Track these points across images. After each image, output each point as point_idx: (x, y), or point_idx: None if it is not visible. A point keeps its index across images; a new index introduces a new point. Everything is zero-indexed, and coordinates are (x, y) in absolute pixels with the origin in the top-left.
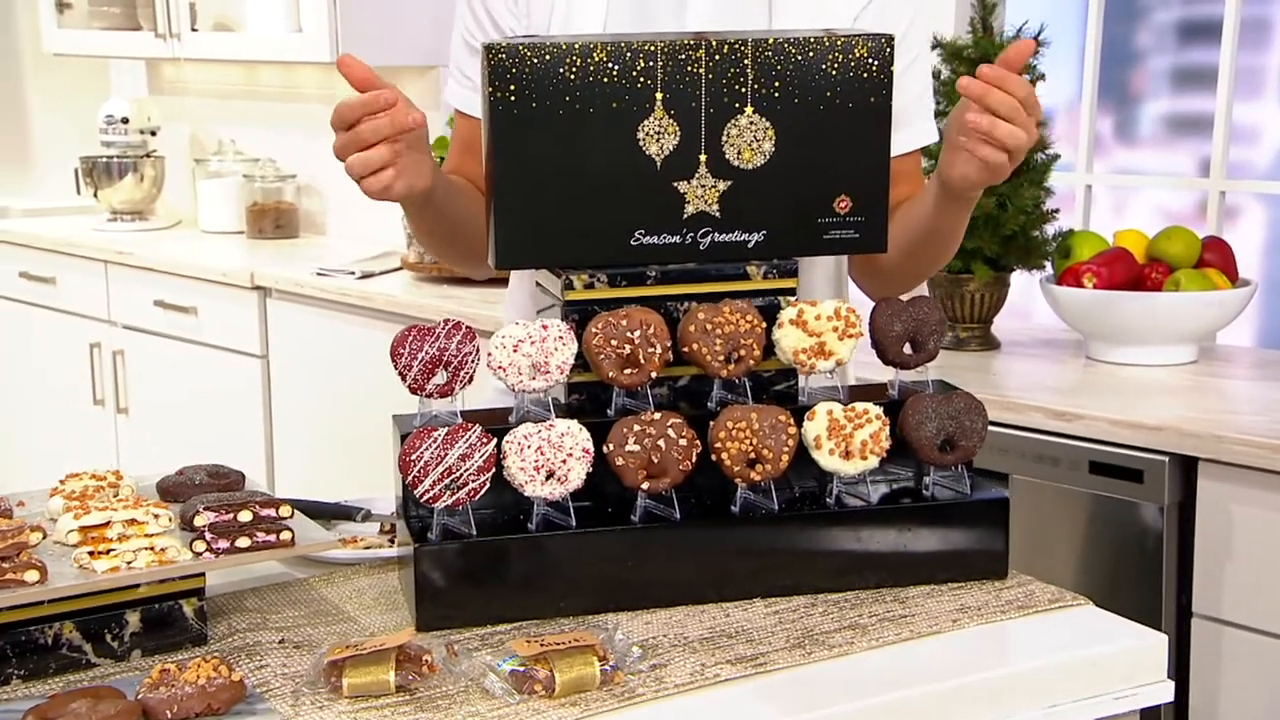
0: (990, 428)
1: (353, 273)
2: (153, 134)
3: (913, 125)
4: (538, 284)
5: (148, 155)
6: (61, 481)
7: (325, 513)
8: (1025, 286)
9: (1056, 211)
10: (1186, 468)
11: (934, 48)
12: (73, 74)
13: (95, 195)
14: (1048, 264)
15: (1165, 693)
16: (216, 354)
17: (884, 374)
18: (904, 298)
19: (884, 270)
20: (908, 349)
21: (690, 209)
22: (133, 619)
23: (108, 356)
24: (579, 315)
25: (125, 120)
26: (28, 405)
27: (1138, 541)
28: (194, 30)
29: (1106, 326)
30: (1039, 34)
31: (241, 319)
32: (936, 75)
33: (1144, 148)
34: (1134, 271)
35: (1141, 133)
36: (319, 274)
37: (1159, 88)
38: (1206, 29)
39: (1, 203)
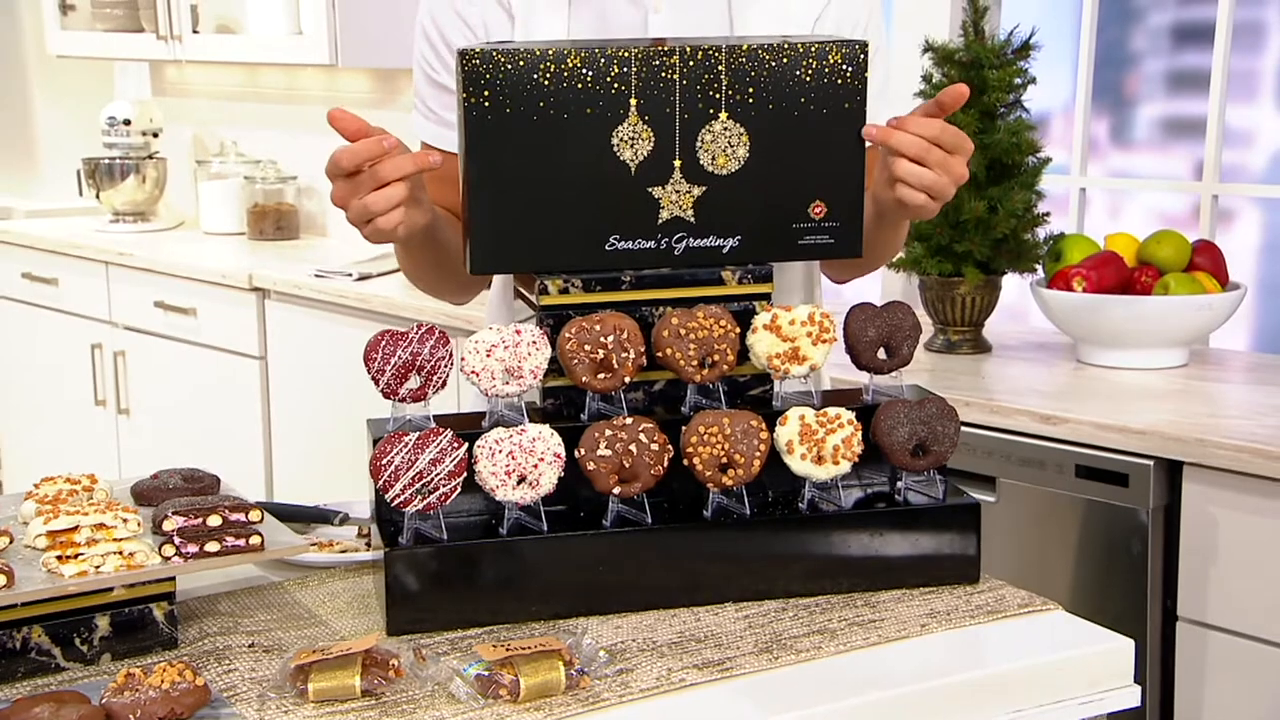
0: (978, 431)
1: (350, 274)
2: (155, 135)
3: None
4: (516, 290)
5: (150, 157)
6: (36, 485)
7: (303, 516)
8: (1021, 288)
9: (1048, 215)
10: (1171, 472)
11: (925, 51)
12: (77, 75)
13: (98, 196)
14: (1039, 267)
15: (1131, 698)
16: (215, 355)
17: (863, 376)
18: (879, 303)
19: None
20: (882, 354)
21: (665, 214)
22: (102, 623)
23: (109, 357)
24: (554, 320)
25: (127, 122)
26: (33, 406)
27: (1123, 545)
28: (195, 32)
29: (1096, 330)
30: (1031, 37)
31: (240, 320)
32: (928, 79)
33: (1140, 151)
34: (1123, 275)
35: (1137, 135)
36: (317, 275)
37: (1154, 90)
38: (1201, 32)
39: (5, 204)
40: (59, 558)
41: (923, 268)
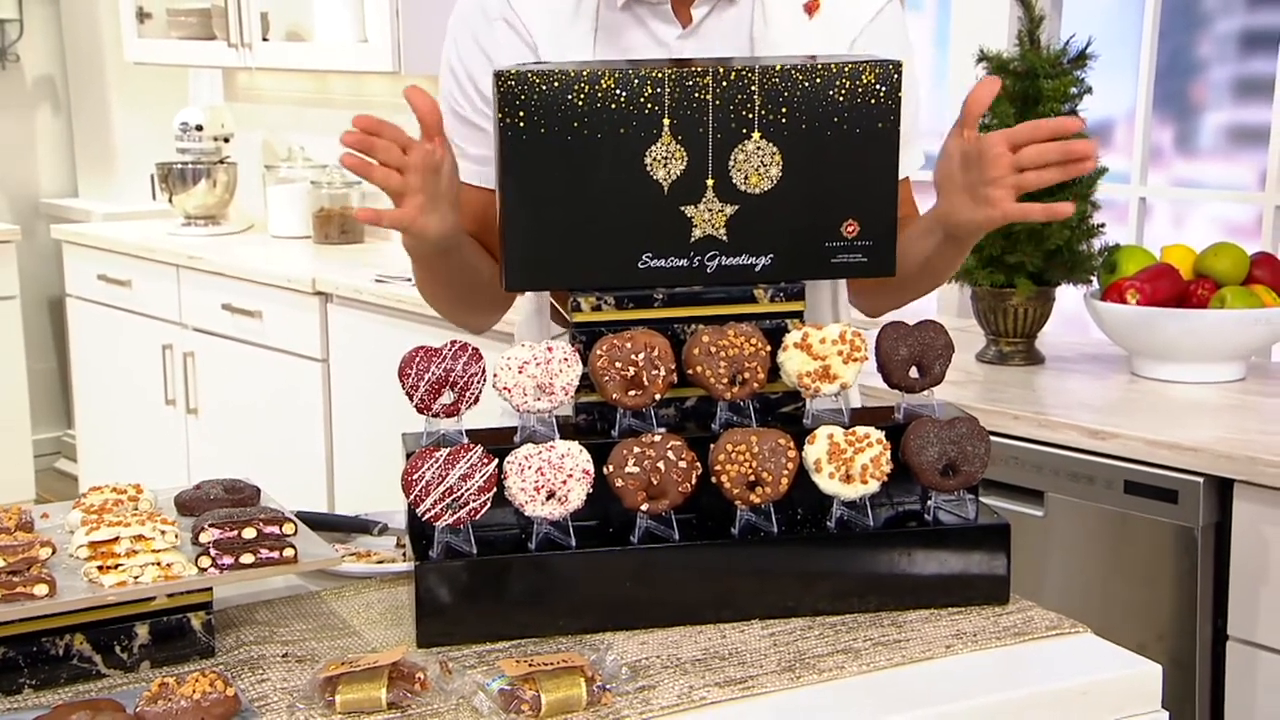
0: (1026, 445)
1: (410, 279)
2: (226, 140)
3: (903, 153)
4: (551, 307)
5: (221, 162)
6: (84, 494)
7: (343, 525)
8: (1080, 298)
9: (1102, 226)
10: (1222, 489)
11: (979, 61)
12: (153, 82)
13: (170, 200)
14: (1093, 279)
15: None
16: (279, 357)
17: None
18: (910, 322)
19: (877, 290)
20: (913, 373)
21: (697, 233)
22: (142, 631)
23: (178, 358)
24: (586, 337)
25: (200, 127)
26: (108, 404)
27: (1172, 563)
28: (265, 40)
29: (1150, 343)
30: (1087, 47)
31: (303, 324)
32: None
33: (1206, 159)
34: (1179, 288)
35: (1203, 144)
36: (377, 280)
37: (1220, 98)
38: (1271, 38)
39: (85, 207)
40: (100, 568)
41: (974, 279)
